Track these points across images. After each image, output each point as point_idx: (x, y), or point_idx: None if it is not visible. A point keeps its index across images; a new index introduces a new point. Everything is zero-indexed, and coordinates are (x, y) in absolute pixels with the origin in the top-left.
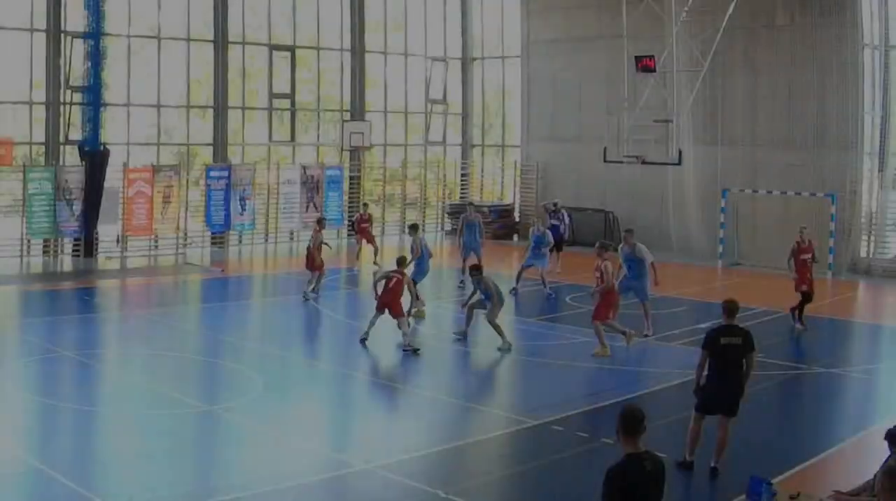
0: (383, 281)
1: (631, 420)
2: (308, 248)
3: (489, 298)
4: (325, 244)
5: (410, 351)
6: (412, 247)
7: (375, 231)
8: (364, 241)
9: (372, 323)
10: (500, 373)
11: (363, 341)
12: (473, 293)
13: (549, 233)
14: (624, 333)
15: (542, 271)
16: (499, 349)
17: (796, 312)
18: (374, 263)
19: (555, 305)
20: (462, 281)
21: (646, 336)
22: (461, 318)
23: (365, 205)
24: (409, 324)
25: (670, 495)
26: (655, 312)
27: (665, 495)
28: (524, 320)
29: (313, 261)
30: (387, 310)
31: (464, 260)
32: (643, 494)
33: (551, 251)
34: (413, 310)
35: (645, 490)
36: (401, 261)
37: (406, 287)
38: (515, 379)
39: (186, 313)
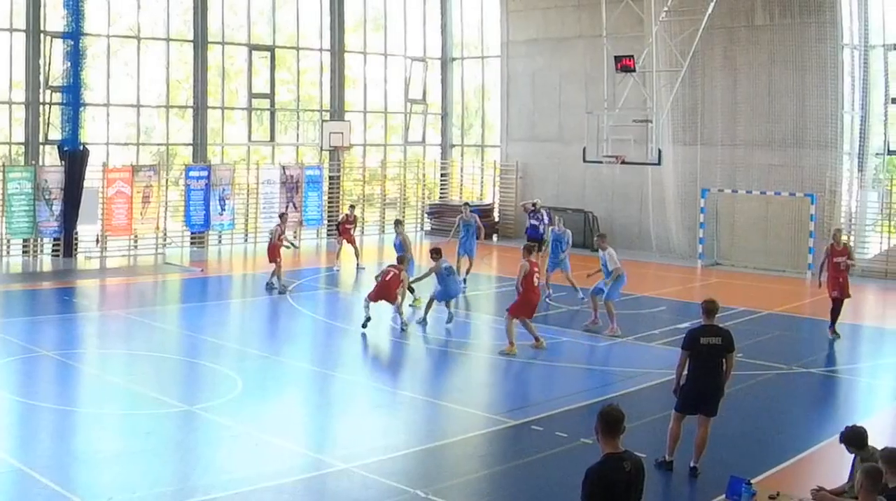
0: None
1: (610, 421)
2: (270, 241)
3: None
4: (291, 243)
5: (403, 327)
6: (396, 242)
7: (355, 231)
8: (344, 241)
9: (367, 308)
10: (480, 373)
11: (365, 324)
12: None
13: (568, 232)
14: (536, 338)
15: (567, 274)
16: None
17: (832, 320)
18: (358, 265)
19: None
20: (464, 281)
21: (614, 336)
22: (442, 318)
23: (352, 206)
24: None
25: (650, 495)
26: (635, 312)
27: (644, 495)
28: (503, 320)
29: (273, 254)
30: (382, 301)
31: (458, 260)
32: (622, 494)
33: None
34: (411, 301)
35: (624, 490)
36: (400, 260)
37: (402, 282)
38: (495, 379)
39: (166, 313)
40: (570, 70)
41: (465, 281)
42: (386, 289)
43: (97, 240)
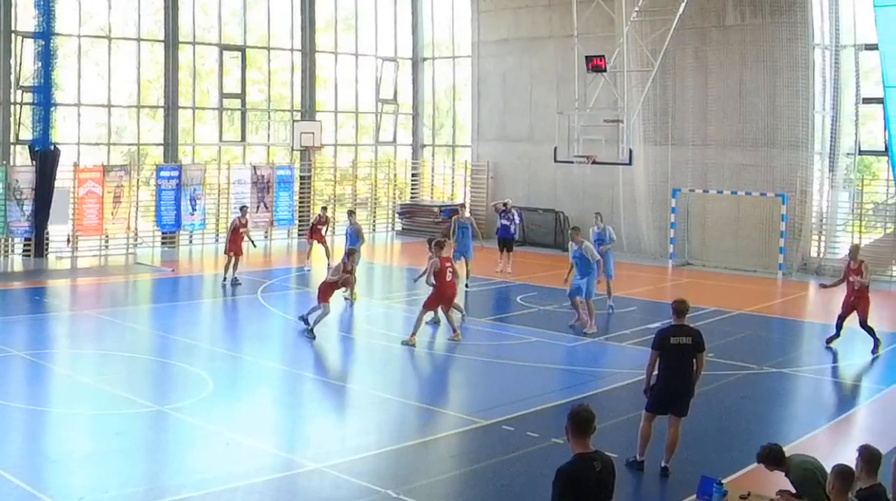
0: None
1: (581, 421)
2: (230, 232)
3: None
4: (251, 239)
5: (308, 333)
6: (349, 232)
7: (326, 232)
8: (315, 242)
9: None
10: (451, 373)
11: (303, 321)
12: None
13: (609, 229)
14: (454, 330)
15: (608, 282)
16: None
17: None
18: (329, 265)
19: (506, 305)
20: (467, 284)
21: (586, 333)
22: (411, 319)
23: (324, 208)
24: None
25: (621, 494)
26: (605, 312)
27: (615, 495)
28: (476, 320)
29: (234, 246)
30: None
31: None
32: (593, 494)
33: (502, 251)
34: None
35: (595, 489)
36: (350, 254)
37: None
38: (466, 379)
39: (137, 313)
40: (541, 70)
41: (466, 285)
42: (329, 288)
43: (68, 240)
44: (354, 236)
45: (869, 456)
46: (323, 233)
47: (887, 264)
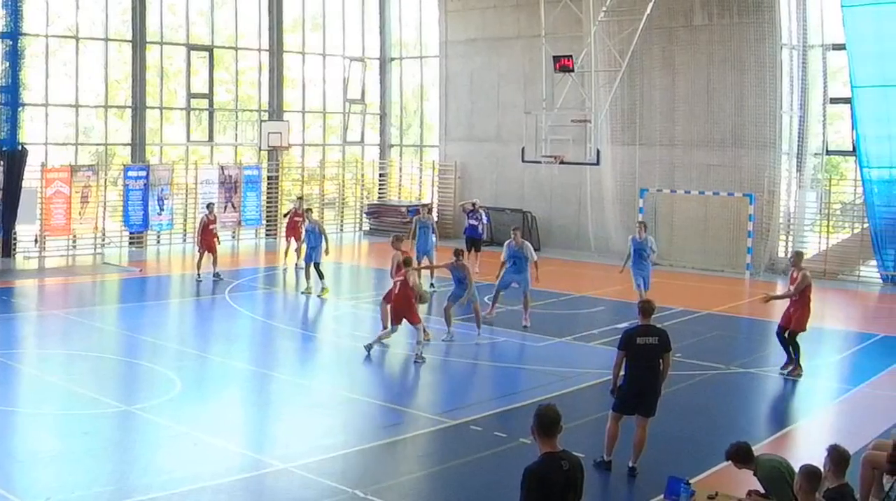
0: None
1: (547, 421)
2: (199, 229)
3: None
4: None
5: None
6: (308, 229)
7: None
8: (292, 239)
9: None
10: (419, 373)
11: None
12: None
13: (650, 239)
14: (385, 334)
15: (641, 292)
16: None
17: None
18: (297, 264)
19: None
20: (432, 285)
21: (525, 327)
22: (378, 318)
23: (299, 198)
24: None
25: (588, 495)
26: (574, 312)
27: (583, 495)
28: (442, 320)
29: (207, 243)
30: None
31: (418, 263)
32: (560, 494)
33: (470, 251)
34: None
35: (562, 489)
36: (407, 262)
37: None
38: (434, 380)
39: (104, 313)
40: (509, 70)
41: (432, 285)
42: None
43: (36, 240)
44: (317, 234)
45: (838, 457)
46: (300, 226)
47: (854, 264)
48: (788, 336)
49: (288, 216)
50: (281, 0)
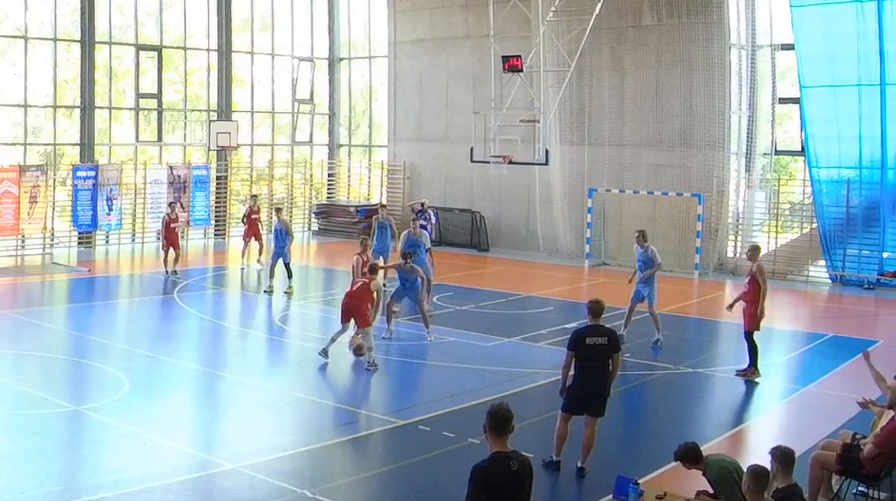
0: None
1: (499, 420)
2: (163, 227)
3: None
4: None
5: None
6: (277, 228)
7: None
8: (251, 238)
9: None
10: (368, 374)
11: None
12: None
13: (652, 249)
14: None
15: (651, 307)
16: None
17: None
18: (259, 261)
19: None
20: (385, 285)
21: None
22: (327, 318)
23: (254, 196)
24: None
25: (537, 495)
26: (522, 312)
27: (532, 495)
28: (392, 320)
29: (171, 240)
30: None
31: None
32: (509, 494)
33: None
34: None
35: (510, 489)
36: (372, 270)
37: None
38: (383, 380)
39: (53, 313)
40: (458, 70)
41: (385, 285)
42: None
43: None
44: (284, 233)
45: (782, 457)
46: (258, 224)
47: (804, 264)
48: (746, 336)
49: (245, 216)
50: (230, 0)
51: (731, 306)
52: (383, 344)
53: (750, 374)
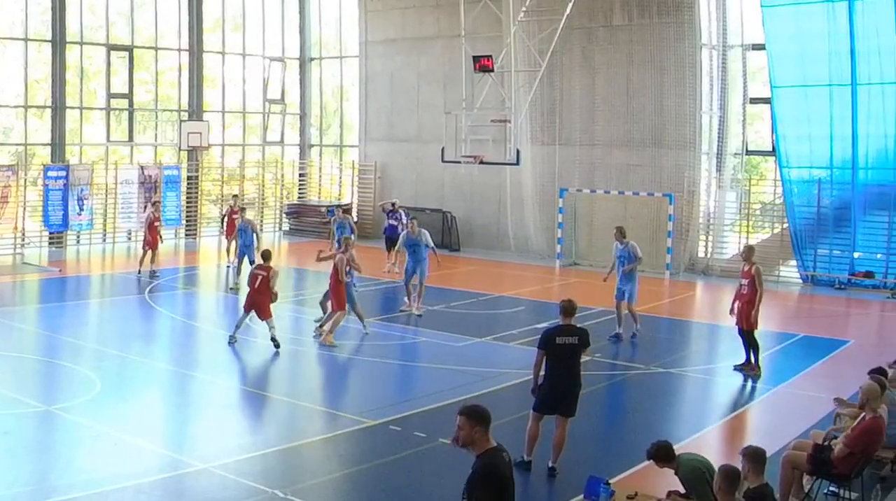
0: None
1: (486, 415)
2: (146, 225)
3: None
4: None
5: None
6: (241, 228)
7: (213, 230)
8: (232, 238)
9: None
10: (339, 374)
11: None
12: None
13: (632, 245)
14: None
15: (631, 305)
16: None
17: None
18: (231, 262)
19: (393, 305)
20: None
21: (418, 316)
22: (298, 318)
23: (235, 196)
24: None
25: None
26: (494, 312)
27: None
28: (358, 321)
29: (154, 240)
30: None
31: None
32: (511, 486)
33: (390, 251)
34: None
35: (511, 481)
36: (266, 256)
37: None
38: (354, 380)
39: (24, 313)
40: (429, 70)
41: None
42: (258, 296)
43: None
44: (250, 232)
45: (754, 456)
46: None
47: (774, 264)
48: (745, 335)
49: (226, 215)
50: (201, 1)
51: (732, 309)
52: (358, 344)
53: (752, 369)
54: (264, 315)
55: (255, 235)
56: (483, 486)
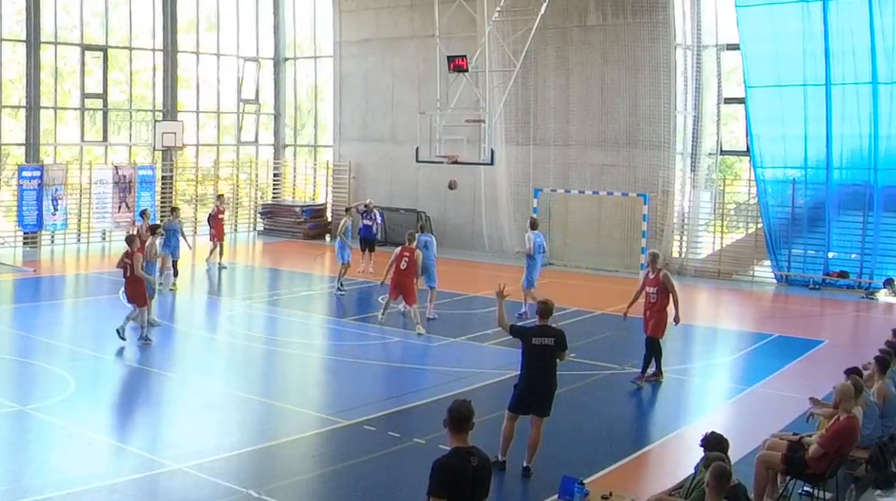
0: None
1: (458, 416)
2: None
3: None
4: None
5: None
6: (172, 229)
7: (187, 230)
8: (220, 239)
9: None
10: (313, 374)
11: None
12: None
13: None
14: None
15: (528, 292)
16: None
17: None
18: (207, 259)
19: (368, 305)
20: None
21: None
22: (273, 318)
23: (220, 196)
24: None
25: None
26: (468, 312)
27: (490, 492)
28: (337, 320)
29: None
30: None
31: None
32: (468, 488)
33: (364, 251)
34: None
35: (470, 484)
36: (130, 240)
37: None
38: (328, 380)
39: None
40: (403, 70)
41: (341, 285)
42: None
43: None
44: (178, 233)
45: (717, 475)
46: (223, 223)
47: (749, 264)
48: (648, 342)
49: (212, 216)
50: (175, 1)
51: (626, 314)
52: (332, 344)
53: (654, 377)
54: (140, 302)
55: (182, 236)
56: (431, 479)
